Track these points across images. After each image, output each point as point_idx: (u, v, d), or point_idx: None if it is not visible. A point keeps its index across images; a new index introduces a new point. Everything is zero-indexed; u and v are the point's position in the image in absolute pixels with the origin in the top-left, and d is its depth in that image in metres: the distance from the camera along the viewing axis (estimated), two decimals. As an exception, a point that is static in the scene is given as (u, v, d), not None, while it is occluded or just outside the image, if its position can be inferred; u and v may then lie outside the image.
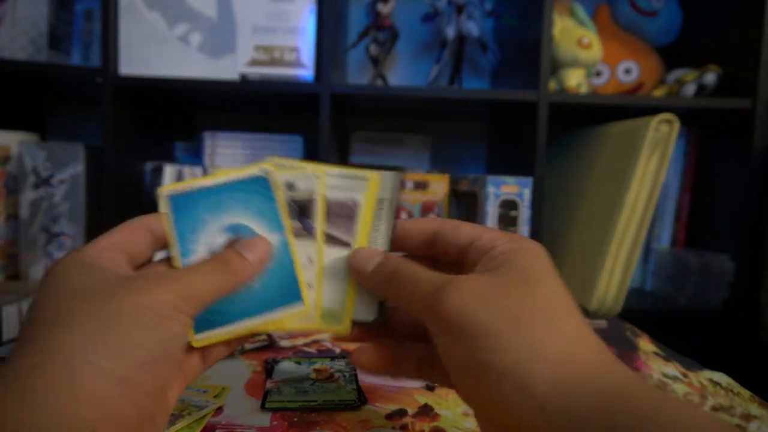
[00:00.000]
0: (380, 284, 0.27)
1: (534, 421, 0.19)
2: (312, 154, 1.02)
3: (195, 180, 0.28)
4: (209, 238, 0.27)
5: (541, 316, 0.21)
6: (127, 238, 0.25)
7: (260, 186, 0.28)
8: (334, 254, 0.29)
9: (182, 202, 0.27)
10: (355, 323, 0.28)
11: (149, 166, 0.94)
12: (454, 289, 0.22)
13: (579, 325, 0.22)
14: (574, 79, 0.91)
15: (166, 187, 0.27)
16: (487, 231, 0.26)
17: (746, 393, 0.39)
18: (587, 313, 0.63)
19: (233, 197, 0.28)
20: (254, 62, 0.86)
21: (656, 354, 0.47)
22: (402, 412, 0.33)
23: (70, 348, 0.20)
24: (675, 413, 0.18)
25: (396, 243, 0.29)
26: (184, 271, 0.25)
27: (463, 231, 0.26)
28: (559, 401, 0.19)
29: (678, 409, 0.18)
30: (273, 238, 0.27)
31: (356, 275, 0.28)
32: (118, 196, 0.86)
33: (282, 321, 0.27)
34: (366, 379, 0.38)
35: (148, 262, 0.27)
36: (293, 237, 0.28)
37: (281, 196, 0.28)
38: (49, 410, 0.18)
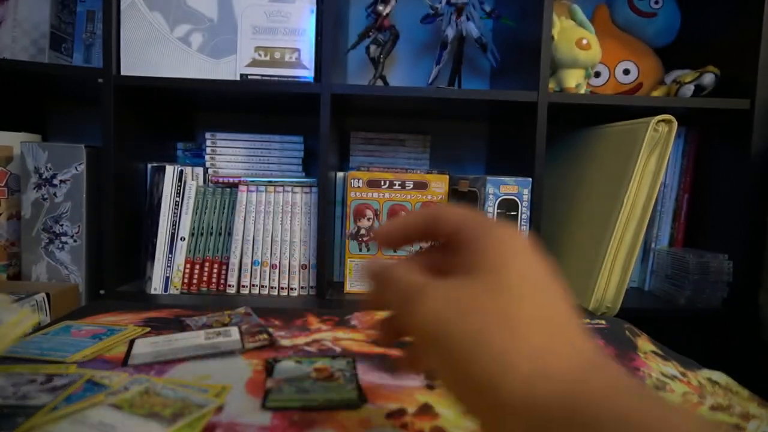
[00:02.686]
0: (372, 275, 0.28)
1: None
2: (312, 154, 1.03)
3: None
4: None
5: (506, 325, 0.21)
6: None
7: None
8: None
9: None
10: None
11: (150, 166, 0.94)
12: (425, 297, 0.23)
13: (548, 334, 0.21)
14: (573, 80, 0.92)
15: None
16: (466, 221, 0.25)
17: (745, 392, 0.39)
18: (587, 313, 0.63)
19: None
20: (255, 63, 0.86)
21: (655, 353, 0.47)
22: (402, 411, 0.33)
23: None
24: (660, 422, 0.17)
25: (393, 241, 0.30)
26: None
27: (444, 222, 0.27)
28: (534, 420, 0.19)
29: (664, 418, 0.17)
30: None
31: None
32: (119, 196, 0.86)
33: None
34: (366, 378, 0.38)
35: None
36: None
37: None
38: None
